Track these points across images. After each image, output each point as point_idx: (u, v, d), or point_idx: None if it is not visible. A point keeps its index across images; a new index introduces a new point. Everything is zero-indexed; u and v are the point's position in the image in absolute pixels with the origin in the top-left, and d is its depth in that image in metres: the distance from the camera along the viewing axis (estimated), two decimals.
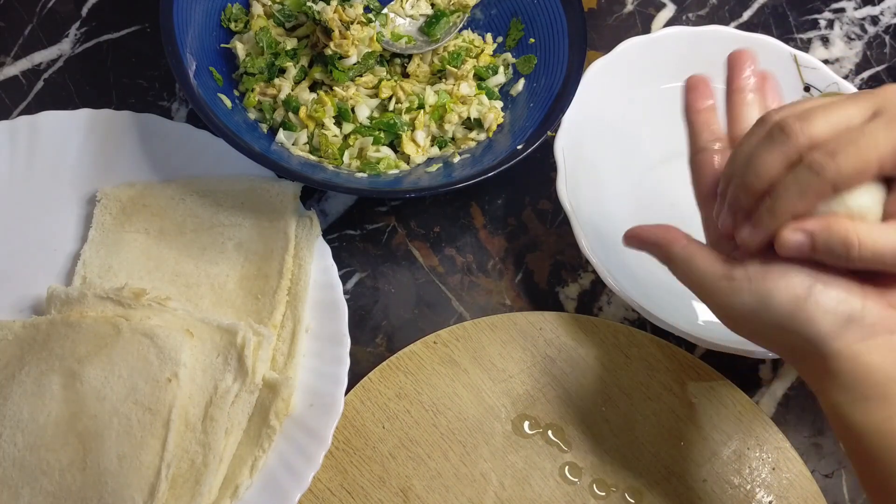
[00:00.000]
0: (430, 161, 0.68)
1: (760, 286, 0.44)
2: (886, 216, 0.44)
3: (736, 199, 0.45)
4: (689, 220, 0.52)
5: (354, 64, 0.68)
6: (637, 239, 0.51)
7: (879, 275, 0.44)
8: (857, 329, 0.43)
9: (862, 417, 0.43)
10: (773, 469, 0.61)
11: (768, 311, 0.44)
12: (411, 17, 0.74)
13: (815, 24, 0.82)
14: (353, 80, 0.69)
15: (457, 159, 0.68)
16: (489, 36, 0.74)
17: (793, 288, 0.44)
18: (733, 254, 0.48)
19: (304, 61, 0.69)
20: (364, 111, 0.68)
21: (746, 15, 0.82)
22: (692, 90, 0.53)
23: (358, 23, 0.68)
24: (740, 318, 0.46)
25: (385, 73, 0.71)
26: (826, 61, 0.79)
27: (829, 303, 0.43)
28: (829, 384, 0.44)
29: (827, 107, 0.43)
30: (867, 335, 0.43)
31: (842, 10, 0.83)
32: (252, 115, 0.68)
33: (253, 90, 0.68)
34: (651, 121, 0.73)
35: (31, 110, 0.71)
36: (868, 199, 0.43)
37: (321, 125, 0.67)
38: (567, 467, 0.60)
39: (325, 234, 0.67)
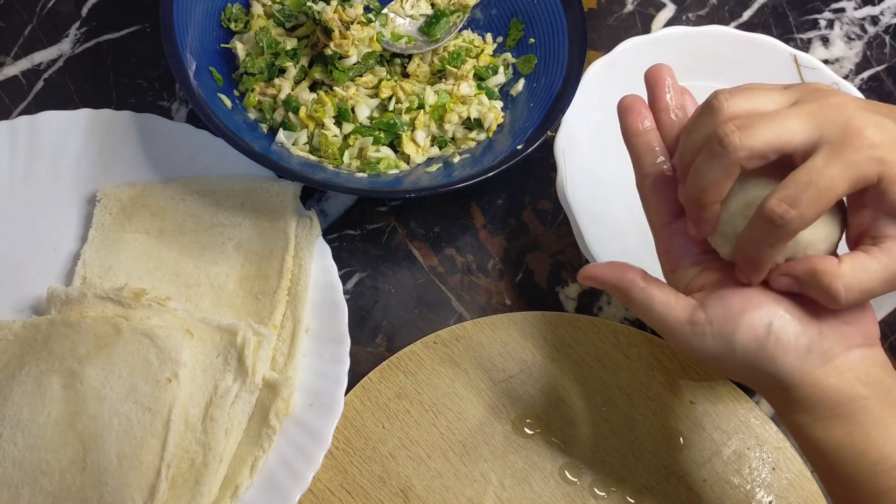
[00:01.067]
0: (430, 161, 0.68)
1: (722, 330, 0.45)
2: (858, 231, 0.45)
3: (695, 215, 0.46)
4: None
5: (354, 64, 0.68)
6: (592, 278, 0.50)
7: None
8: (815, 357, 0.45)
9: (824, 434, 0.45)
10: (773, 469, 0.61)
11: (733, 354, 0.45)
12: (411, 17, 0.74)
13: (815, 24, 0.82)
14: (353, 80, 0.69)
15: (457, 159, 0.68)
16: (489, 36, 0.74)
17: (753, 329, 0.45)
18: (692, 282, 0.48)
19: (304, 61, 0.69)
20: (364, 111, 0.68)
21: (746, 15, 0.82)
22: (628, 112, 0.51)
23: (358, 23, 0.68)
24: (706, 360, 0.47)
25: (385, 73, 0.71)
26: (826, 61, 0.79)
27: (788, 338, 0.45)
28: (793, 408, 0.46)
29: (767, 120, 0.43)
30: (826, 359, 0.45)
31: (842, 10, 0.83)
32: (252, 115, 0.68)
33: (253, 90, 0.68)
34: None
35: (31, 110, 0.71)
36: (829, 223, 0.45)
37: (321, 125, 0.67)
38: (567, 467, 0.60)
39: (325, 234, 0.67)
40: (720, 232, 0.46)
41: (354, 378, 0.61)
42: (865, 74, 0.81)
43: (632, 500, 0.60)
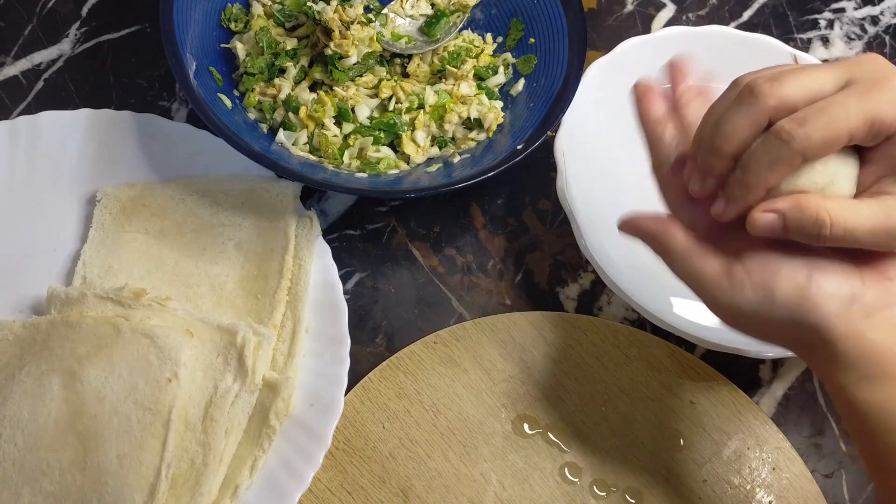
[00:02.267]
0: (430, 161, 0.68)
1: (762, 279, 0.43)
2: (860, 188, 0.44)
3: (706, 163, 0.44)
4: None
5: (354, 64, 0.68)
6: (633, 227, 0.49)
7: (870, 252, 0.44)
8: (859, 308, 0.42)
9: (866, 396, 0.42)
10: (773, 469, 0.61)
11: (773, 303, 0.43)
12: (411, 17, 0.74)
13: (815, 24, 0.82)
14: (353, 80, 0.69)
15: (457, 159, 0.68)
16: (489, 36, 0.74)
17: (793, 276, 0.43)
18: (723, 244, 0.47)
19: (304, 61, 0.69)
20: (364, 111, 0.68)
21: (746, 15, 0.82)
22: (643, 98, 0.51)
23: (358, 23, 0.68)
24: (743, 316, 0.45)
25: (385, 73, 0.71)
26: (826, 61, 0.79)
27: (830, 286, 0.43)
28: (835, 366, 0.43)
29: (799, 71, 0.42)
30: (870, 312, 0.42)
31: (842, 10, 0.83)
32: (252, 115, 0.68)
33: (253, 90, 0.68)
34: None
35: (31, 110, 0.71)
36: (839, 169, 0.43)
37: (321, 125, 0.67)
38: (567, 467, 0.60)
39: (325, 234, 0.67)
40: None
41: (354, 378, 0.61)
42: None
43: (632, 500, 0.60)
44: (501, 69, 0.73)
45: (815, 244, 0.43)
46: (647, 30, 0.80)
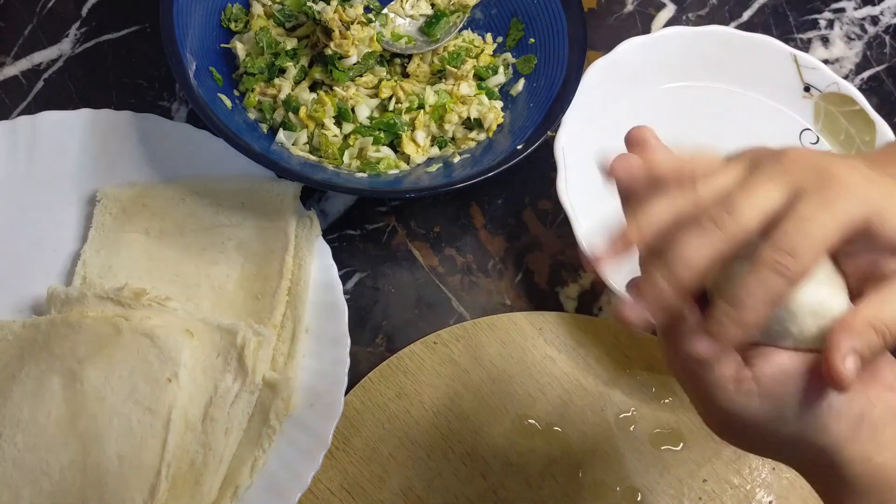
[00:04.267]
0: (430, 161, 0.68)
1: (772, 390, 0.40)
2: (853, 276, 0.42)
3: (659, 290, 0.40)
4: None
5: (354, 64, 0.68)
6: (632, 322, 0.42)
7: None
8: (867, 428, 0.40)
9: None
10: (773, 469, 0.61)
11: (782, 419, 0.40)
12: (411, 17, 0.74)
13: (815, 24, 0.82)
14: (353, 80, 0.69)
15: (457, 159, 0.68)
16: (489, 36, 0.74)
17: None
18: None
19: (304, 61, 0.69)
20: (364, 111, 0.68)
21: (746, 15, 0.82)
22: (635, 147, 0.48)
23: (358, 23, 0.68)
24: (745, 427, 0.41)
25: (385, 73, 0.71)
26: (826, 61, 0.79)
27: (841, 405, 0.40)
28: (843, 492, 0.41)
29: (746, 191, 0.40)
30: (876, 431, 0.40)
31: (842, 10, 0.83)
32: (252, 115, 0.68)
33: (253, 90, 0.68)
34: (651, 121, 0.72)
35: (31, 110, 0.71)
36: (825, 279, 0.42)
37: (321, 125, 0.67)
38: (567, 467, 0.60)
39: (325, 234, 0.67)
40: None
41: (354, 378, 0.61)
42: (865, 74, 0.81)
43: (632, 500, 0.60)
44: (501, 69, 0.73)
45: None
46: (647, 30, 0.80)
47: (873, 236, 0.40)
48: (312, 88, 0.69)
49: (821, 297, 0.41)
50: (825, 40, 0.82)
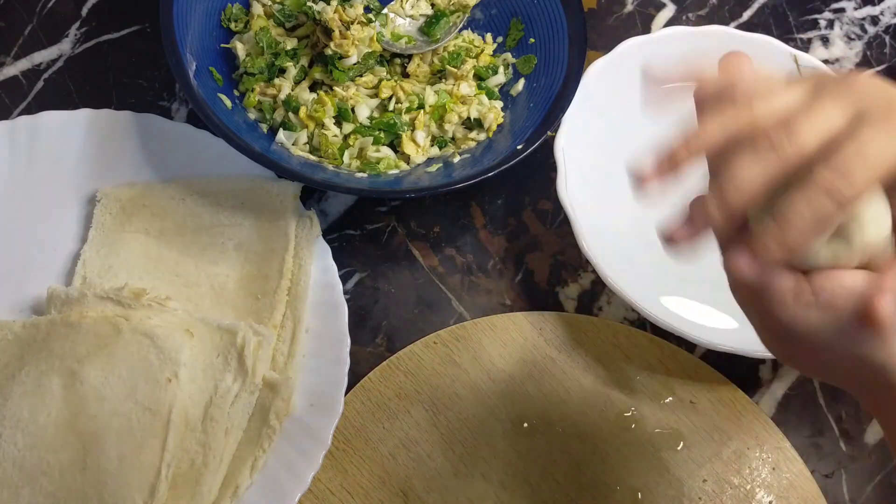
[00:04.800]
0: (430, 161, 0.68)
1: (831, 300, 0.39)
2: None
3: (717, 220, 0.40)
4: None
5: (354, 64, 0.68)
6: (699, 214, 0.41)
7: None
8: None
9: None
10: (773, 469, 0.61)
11: (840, 333, 0.39)
12: (411, 17, 0.74)
13: (815, 24, 0.82)
14: (353, 80, 0.69)
15: (457, 159, 0.68)
16: (489, 36, 0.74)
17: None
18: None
19: (304, 61, 0.69)
20: (364, 111, 0.68)
21: (746, 15, 0.82)
22: (729, 66, 0.45)
23: (358, 23, 0.68)
24: (802, 341, 0.41)
25: (385, 73, 0.71)
26: (826, 61, 0.79)
27: None
28: None
29: (808, 113, 0.39)
30: None
31: (842, 10, 0.83)
32: (252, 115, 0.68)
33: (253, 90, 0.68)
34: (651, 121, 0.73)
35: (31, 110, 0.71)
36: (877, 206, 0.41)
37: (321, 125, 0.67)
38: (567, 467, 0.60)
39: (325, 234, 0.67)
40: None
41: (354, 378, 0.61)
42: None
43: (632, 500, 0.60)
44: (501, 69, 0.73)
45: None
46: (647, 30, 0.80)
47: None
48: (312, 88, 0.69)
49: (879, 210, 0.40)
50: (825, 40, 0.82)
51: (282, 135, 0.67)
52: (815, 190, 0.38)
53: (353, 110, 0.68)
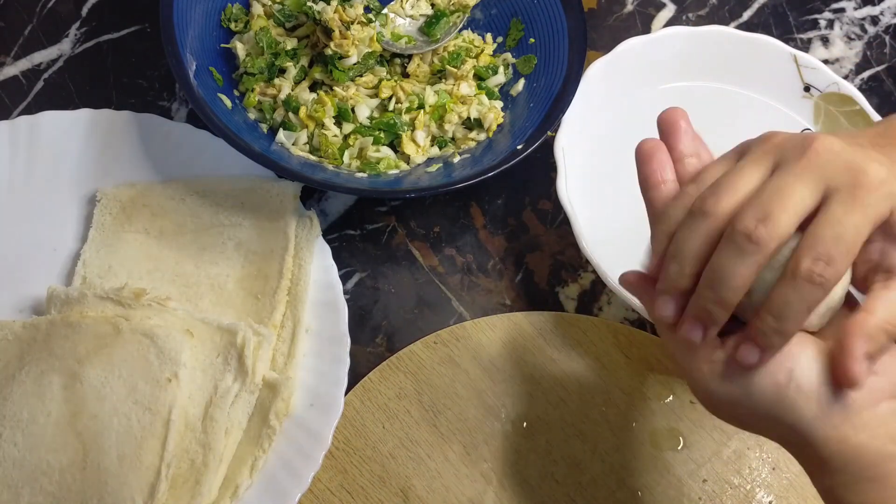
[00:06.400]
0: (430, 161, 0.68)
1: (743, 375, 0.42)
2: (863, 265, 0.43)
3: (707, 314, 0.42)
4: None
5: (354, 64, 0.68)
6: (631, 285, 0.46)
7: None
8: (840, 410, 0.41)
9: (857, 499, 0.41)
10: (773, 469, 0.61)
11: (750, 398, 0.42)
12: (411, 17, 0.74)
13: (815, 24, 0.82)
14: (353, 80, 0.69)
15: (457, 159, 0.68)
16: (489, 36, 0.74)
17: (773, 375, 0.42)
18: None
19: (304, 61, 0.69)
20: (364, 111, 0.68)
21: (746, 15, 0.82)
22: (648, 161, 0.47)
23: (358, 23, 0.68)
24: (723, 405, 0.44)
25: (385, 73, 0.71)
26: (826, 61, 0.79)
27: (811, 386, 0.41)
28: (821, 468, 0.42)
29: (780, 198, 0.41)
30: (852, 413, 0.41)
31: (842, 10, 0.83)
32: (252, 115, 0.68)
33: (253, 90, 0.68)
34: (651, 121, 0.72)
35: (31, 110, 0.71)
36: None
37: (321, 125, 0.67)
38: (567, 467, 0.60)
39: (325, 234, 0.67)
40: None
41: (354, 378, 0.61)
42: (865, 74, 0.81)
43: (632, 500, 0.60)
44: (501, 69, 0.73)
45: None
46: (647, 30, 0.80)
47: (892, 228, 0.41)
48: (312, 88, 0.69)
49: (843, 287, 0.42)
50: (825, 40, 0.82)
51: (282, 135, 0.67)
52: (801, 281, 0.40)
53: (353, 110, 0.68)
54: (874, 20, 0.83)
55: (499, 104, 0.71)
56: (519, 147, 0.64)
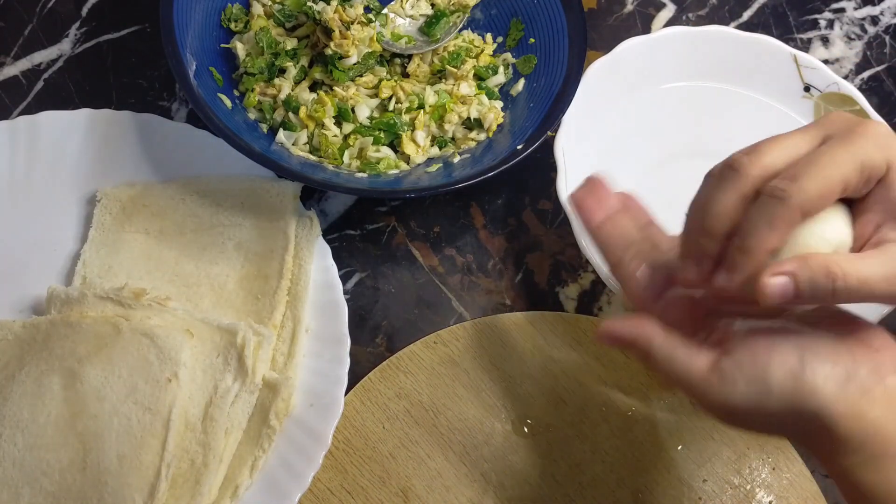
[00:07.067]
0: (430, 161, 0.68)
1: (753, 371, 0.42)
2: (861, 240, 0.42)
3: (699, 247, 0.43)
4: None
5: (354, 64, 0.68)
6: (612, 339, 0.45)
7: (853, 323, 0.43)
8: (855, 386, 0.41)
9: (872, 477, 0.41)
10: (773, 469, 0.61)
11: (769, 395, 0.42)
12: (411, 17, 0.74)
13: (815, 24, 0.82)
14: (353, 80, 0.69)
15: (457, 159, 0.68)
16: (489, 36, 0.74)
17: (786, 363, 0.41)
18: (704, 337, 0.45)
19: (304, 61, 0.69)
20: (364, 111, 0.68)
21: (746, 15, 0.82)
22: (582, 206, 0.48)
23: (358, 23, 0.68)
24: (739, 412, 0.43)
25: (385, 73, 0.71)
26: (826, 61, 0.79)
27: (824, 368, 0.41)
28: (838, 450, 0.42)
29: (774, 139, 0.42)
30: (866, 389, 0.41)
31: (842, 10, 0.83)
32: (252, 115, 0.68)
33: (253, 90, 0.68)
34: (651, 121, 0.73)
35: (31, 110, 0.71)
36: (835, 224, 0.42)
37: (321, 125, 0.67)
38: (567, 467, 0.60)
39: (325, 234, 0.67)
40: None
41: (354, 378, 0.61)
42: (865, 74, 0.81)
43: (632, 500, 0.60)
44: (501, 69, 0.73)
45: (828, 303, 0.41)
46: (647, 30, 0.80)
47: (888, 191, 0.41)
48: (312, 88, 0.69)
49: (826, 237, 0.41)
50: (825, 40, 0.82)
51: (282, 135, 0.67)
52: (764, 197, 0.40)
53: (353, 110, 0.68)
54: (874, 20, 0.83)
55: (499, 104, 0.71)
56: (519, 147, 0.64)
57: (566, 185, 0.65)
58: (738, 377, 0.42)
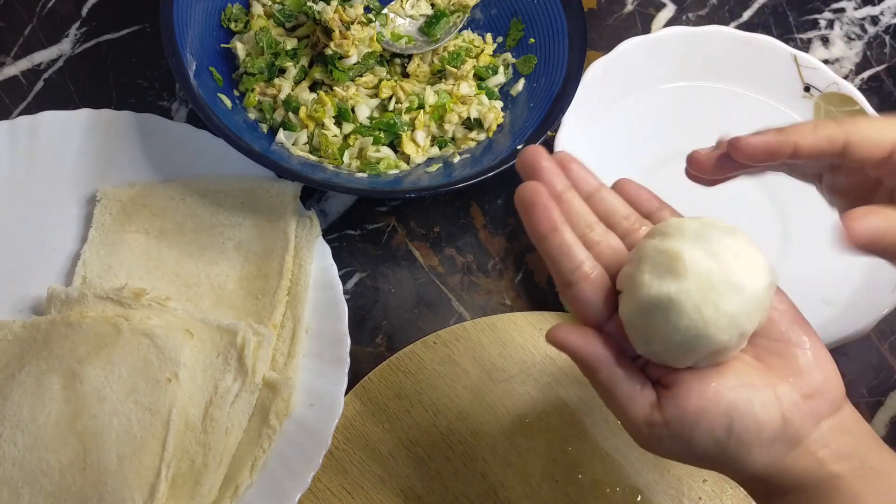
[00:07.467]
0: (430, 161, 0.68)
1: (679, 433, 0.42)
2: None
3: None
4: None
5: (354, 64, 0.68)
6: (560, 345, 0.44)
7: (793, 364, 0.43)
8: (781, 446, 0.42)
9: None
10: None
11: (693, 455, 0.42)
12: (411, 17, 0.74)
13: (815, 24, 0.82)
14: (353, 80, 0.69)
15: (457, 159, 0.68)
16: (489, 36, 0.74)
17: (712, 431, 0.41)
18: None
19: (304, 61, 0.69)
20: (364, 111, 0.68)
21: (746, 15, 0.82)
22: (531, 210, 0.43)
23: (358, 23, 0.68)
24: (667, 457, 0.44)
25: (385, 73, 0.71)
26: (826, 61, 0.79)
27: (751, 437, 0.41)
28: (769, 497, 0.44)
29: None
30: (794, 444, 0.42)
31: (842, 10, 0.83)
32: (252, 115, 0.68)
33: (253, 90, 0.68)
34: (651, 121, 0.73)
35: (31, 110, 0.71)
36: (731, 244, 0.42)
37: (321, 125, 0.67)
38: (567, 467, 0.60)
39: (325, 234, 0.67)
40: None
41: (354, 378, 0.61)
42: (865, 74, 0.81)
43: (632, 500, 0.60)
44: (501, 69, 0.73)
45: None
46: (647, 30, 0.80)
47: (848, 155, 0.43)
48: (312, 88, 0.69)
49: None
50: (825, 40, 0.82)
51: (282, 135, 0.67)
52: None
53: (353, 110, 0.68)
54: (874, 20, 0.83)
55: (499, 104, 0.71)
56: (519, 147, 0.64)
57: None
58: (664, 434, 0.42)
